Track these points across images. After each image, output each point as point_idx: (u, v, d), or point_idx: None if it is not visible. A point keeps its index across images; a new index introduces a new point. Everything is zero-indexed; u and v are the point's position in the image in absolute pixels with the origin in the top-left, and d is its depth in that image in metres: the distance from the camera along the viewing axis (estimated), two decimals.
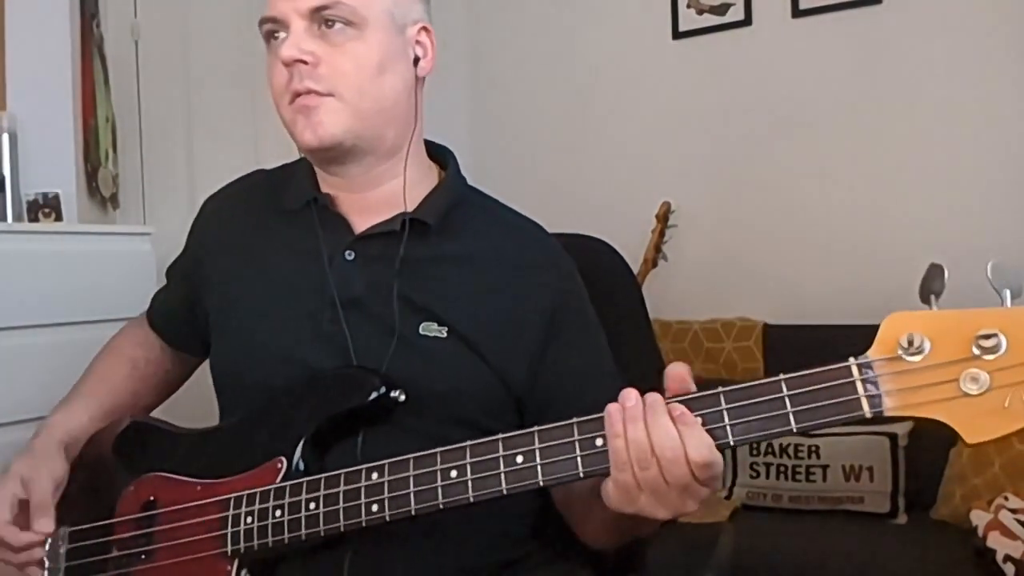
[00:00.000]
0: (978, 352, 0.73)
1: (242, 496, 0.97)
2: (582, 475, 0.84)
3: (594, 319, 1.10)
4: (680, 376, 0.83)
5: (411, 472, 0.90)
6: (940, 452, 2.36)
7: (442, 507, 0.88)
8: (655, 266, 3.02)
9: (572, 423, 0.85)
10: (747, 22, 3.06)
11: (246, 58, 3.00)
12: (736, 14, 3.08)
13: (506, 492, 0.86)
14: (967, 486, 2.25)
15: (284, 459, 0.98)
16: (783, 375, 0.79)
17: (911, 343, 0.75)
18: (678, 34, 3.20)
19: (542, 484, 0.85)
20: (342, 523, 0.92)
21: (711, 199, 3.11)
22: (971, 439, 0.73)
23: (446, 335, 1.01)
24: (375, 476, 0.91)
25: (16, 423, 1.79)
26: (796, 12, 2.97)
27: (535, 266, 1.07)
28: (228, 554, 0.97)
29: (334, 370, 1.01)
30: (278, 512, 0.94)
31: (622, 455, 0.80)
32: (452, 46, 3.30)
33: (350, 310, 1.03)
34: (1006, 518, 2.00)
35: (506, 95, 3.53)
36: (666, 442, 0.79)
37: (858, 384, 0.76)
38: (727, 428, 0.80)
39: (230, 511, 0.97)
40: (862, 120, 2.88)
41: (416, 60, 1.06)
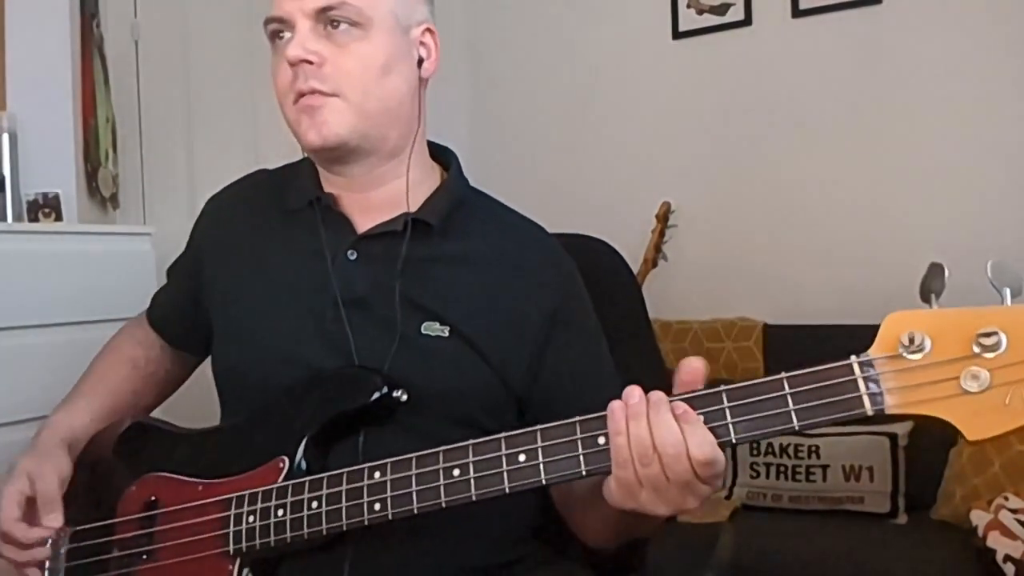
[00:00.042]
0: (978, 350, 0.73)
1: (244, 495, 0.97)
2: (584, 473, 0.85)
3: (594, 320, 1.11)
4: (695, 369, 0.83)
5: (413, 471, 0.90)
6: (940, 452, 2.36)
7: (444, 505, 0.88)
8: (655, 266, 3.02)
9: (574, 422, 0.85)
10: (747, 22, 3.06)
11: (246, 58, 3.01)
12: (736, 14, 3.08)
13: (508, 491, 0.86)
14: (967, 486, 2.25)
15: (286, 458, 0.98)
16: (785, 373, 0.79)
17: (912, 341, 0.75)
18: (678, 34, 3.20)
19: (544, 482, 0.86)
20: (344, 522, 0.92)
21: (711, 199, 3.11)
22: (972, 436, 0.73)
23: (448, 335, 1.02)
24: (377, 475, 0.91)
25: (16, 423, 1.79)
26: (796, 12, 2.97)
27: (536, 267, 1.07)
28: (230, 553, 0.97)
29: (336, 370, 1.01)
30: (280, 511, 0.94)
31: (624, 453, 0.81)
32: (452, 46, 3.29)
33: (352, 310, 1.03)
34: (1006, 518, 2.00)
35: (506, 95, 3.53)
36: (668, 439, 0.79)
37: (859, 382, 0.77)
38: (729, 426, 0.80)
39: (232, 510, 0.97)
40: (862, 120, 2.88)
41: (420, 61, 1.06)
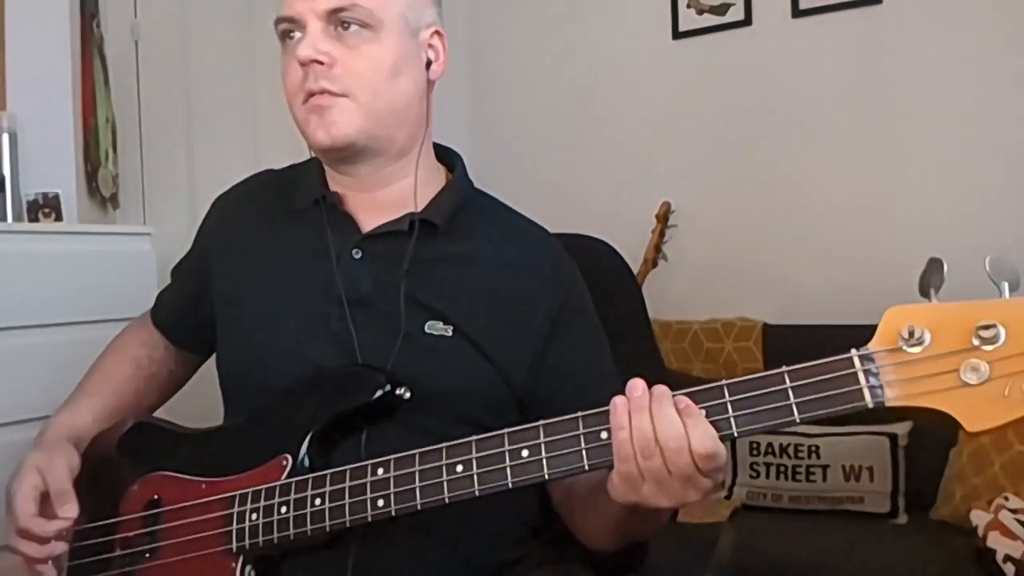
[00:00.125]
0: (978, 343, 0.74)
1: (247, 493, 0.98)
2: (587, 468, 0.85)
3: (596, 321, 1.11)
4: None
5: (416, 467, 0.90)
6: (940, 452, 2.36)
7: (448, 501, 0.89)
8: (655, 266, 3.02)
9: (577, 417, 0.86)
10: (747, 22, 3.06)
11: (246, 58, 3.01)
12: (736, 14, 3.08)
13: (511, 486, 0.87)
14: (967, 486, 2.25)
15: (289, 456, 0.98)
16: (786, 367, 0.80)
17: (912, 334, 0.76)
18: (678, 34, 3.20)
19: (547, 477, 0.86)
20: (347, 518, 0.92)
21: (711, 199, 3.11)
22: (972, 428, 0.74)
23: (451, 334, 1.03)
24: (381, 472, 0.92)
25: (16, 423, 1.79)
26: (796, 12, 2.97)
27: (538, 268, 1.08)
28: (233, 551, 0.97)
29: (340, 368, 1.02)
30: (283, 508, 0.95)
31: (626, 447, 0.81)
32: (453, 46, 3.28)
33: (356, 308, 1.04)
34: (1006, 518, 1.99)
35: (506, 95, 3.53)
36: (670, 432, 0.80)
37: (860, 375, 0.77)
38: (731, 420, 0.81)
39: (235, 508, 0.98)
40: (862, 120, 2.88)
41: (428, 63, 1.08)
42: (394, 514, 0.90)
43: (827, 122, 2.93)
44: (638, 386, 0.82)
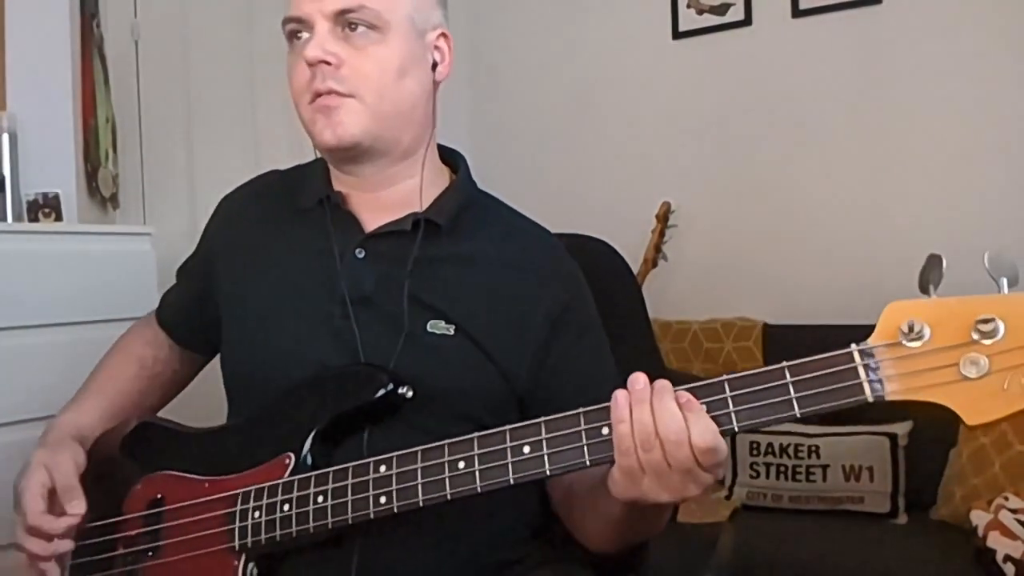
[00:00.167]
0: (977, 337, 0.74)
1: (250, 491, 0.98)
2: (588, 463, 0.85)
3: (597, 323, 1.12)
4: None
5: (419, 464, 0.91)
6: (940, 452, 2.36)
7: (450, 498, 0.89)
8: (655, 266, 3.02)
9: (578, 413, 0.86)
10: (747, 22, 3.07)
11: (246, 58, 3.01)
12: (736, 14, 3.08)
13: (513, 482, 0.87)
14: (967, 486, 2.25)
15: (292, 455, 0.99)
16: (786, 362, 0.80)
17: (911, 329, 0.76)
18: (678, 34, 3.20)
19: (548, 473, 0.87)
20: (350, 515, 0.92)
21: (711, 199, 3.11)
22: (971, 421, 0.75)
23: (453, 333, 1.03)
24: (383, 469, 0.92)
25: (16, 423, 1.80)
26: (796, 12, 2.97)
27: (540, 269, 1.09)
28: (235, 549, 0.98)
29: (342, 367, 1.03)
30: (286, 506, 0.95)
31: (627, 440, 0.82)
32: (453, 46, 3.30)
33: (359, 307, 1.04)
34: (1006, 518, 1.99)
35: (506, 95, 3.53)
36: (671, 424, 0.80)
37: (860, 369, 0.78)
38: (731, 414, 0.81)
39: (238, 506, 0.98)
40: (862, 120, 2.88)
41: (434, 65, 1.09)
42: (396, 511, 0.91)
43: (827, 122, 2.93)
44: (640, 379, 0.83)
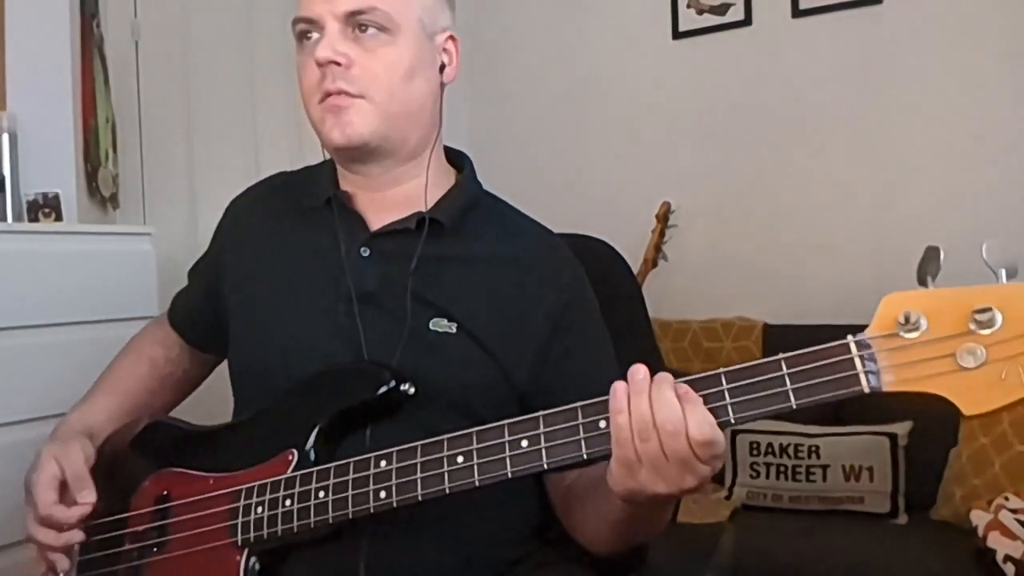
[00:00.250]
0: (974, 327, 0.74)
1: (253, 487, 0.99)
2: (585, 456, 0.86)
3: (599, 323, 1.12)
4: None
5: (418, 459, 0.91)
6: (940, 452, 2.36)
7: (448, 492, 0.90)
8: (655, 266, 3.03)
9: (576, 407, 0.87)
10: (747, 22, 3.07)
11: (246, 58, 3.01)
12: (736, 14, 3.08)
13: (511, 475, 0.88)
14: (967, 486, 2.25)
15: (295, 451, 1.00)
16: (783, 354, 0.80)
17: (908, 320, 0.76)
18: (678, 34, 3.20)
19: (546, 466, 0.87)
20: (350, 510, 0.93)
21: (711, 199, 3.11)
22: (969, 412, 0.74)
23: (455, 331, 1.04)
24: (383, 464, 0.93)
25: (16, 423, 1.80)
26: (796, 12, 2.97)
27: (542, 269, 1.09)
28: (238, 543, 0.99)
29: (345, 364, 1.04)
30: (288, 501, 0.96)
31: (624, 431, 0.82)
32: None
33: (364, 304, 1.05)
34: (1006, 518, 1.99)
35: (506, 95, 3.53)
36: (667, 415, 0.80)
37: (856, 360, 0.77)
38: (728, 407, 0.81)
39: (241, 502, 1.00)
40: (862, 120, 2.88)
41: (442, 67, 1.10)
42: (395, 505, 0.91)
43: (827, 122, 2.93)
44: (640, 371, 0.83)
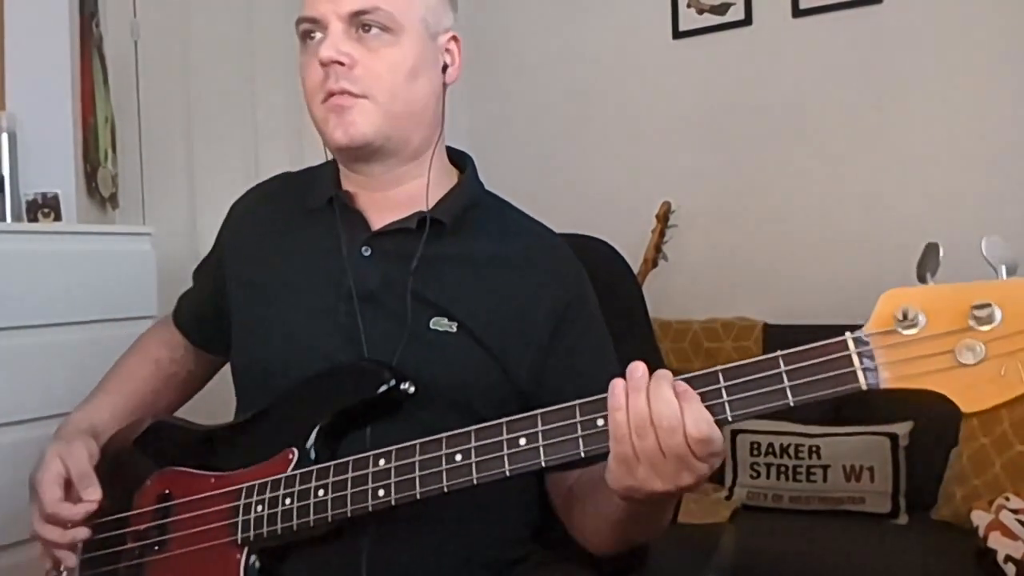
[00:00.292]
0: (973, 323, 0.73)
1: (254, 486, 1.00)
2: (583, 454, 0.86)
3: (600, 323, 1.12)
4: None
5: (417, 457, 0.91)
6: (941, 452, 2.36)
7: (447, 490, 0.90)
8: (655, 266, 3.02)
9: (574, 405, 0.87)
10: (747, 22, 3.07)
11: (246, 58, 3.01)
12: (736, 14, 3.08)
13: (509, 473, 0.88)
14: (968, 486, 2.25)
15: (295, 450, 1.00)
16: (781, 351, 0.80)
17: (906, 316, 0.75)
18: (678, 34, 3.20)
19: (544, 464, 0.87)
20: (349, 508, 0.93)
21: (711, 199, 3.11)
22: (968, 408, 0.74)
23: (455, 330, 1.04)
24: (382, 462, 0.93)
25: (16, 423, 1.80)
26: (796, 12, 2.97)
27: (543, 269, 1.09)
28: (238, 542, 0.99)
29: (346, 363, 1.04)
30: (287, 500, 0.97)
31: (622, 428, 0.82)
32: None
33: (365, 304, 1.05)
34: (1007, 518, 1.99)
35: (506, 94, 3.53)
36: (665, 411, 0.80)
37: (854, 357, 0.77)
38: (725, 404, 0.81)
39: (241, 500, 1.00)
40: (862, 120, 2.88)
41: (444, 67, 1.11)
42: (394, 503, 0.92)
43: (827, 122, 2.93)
44: (638, 368, 0.83)
